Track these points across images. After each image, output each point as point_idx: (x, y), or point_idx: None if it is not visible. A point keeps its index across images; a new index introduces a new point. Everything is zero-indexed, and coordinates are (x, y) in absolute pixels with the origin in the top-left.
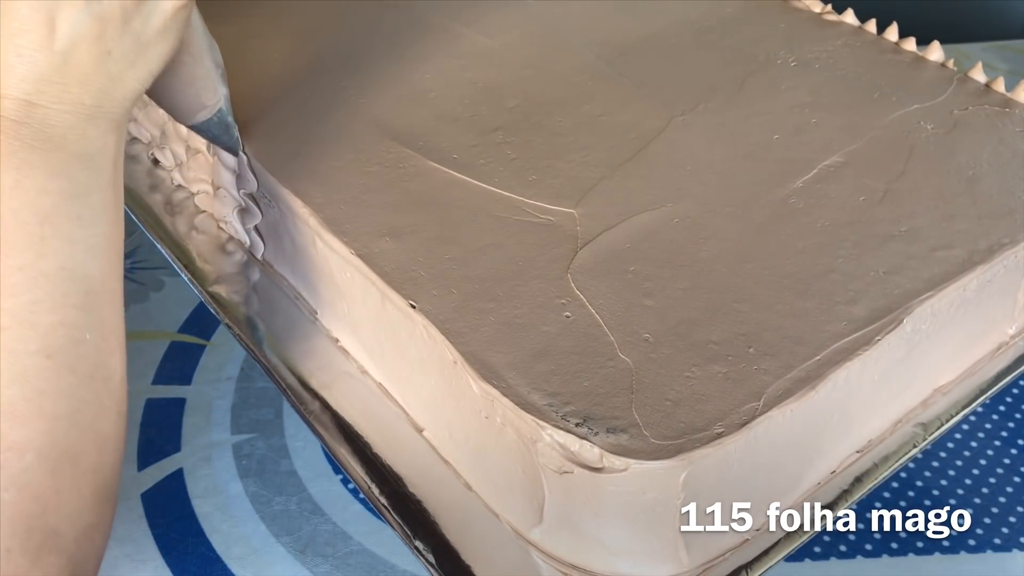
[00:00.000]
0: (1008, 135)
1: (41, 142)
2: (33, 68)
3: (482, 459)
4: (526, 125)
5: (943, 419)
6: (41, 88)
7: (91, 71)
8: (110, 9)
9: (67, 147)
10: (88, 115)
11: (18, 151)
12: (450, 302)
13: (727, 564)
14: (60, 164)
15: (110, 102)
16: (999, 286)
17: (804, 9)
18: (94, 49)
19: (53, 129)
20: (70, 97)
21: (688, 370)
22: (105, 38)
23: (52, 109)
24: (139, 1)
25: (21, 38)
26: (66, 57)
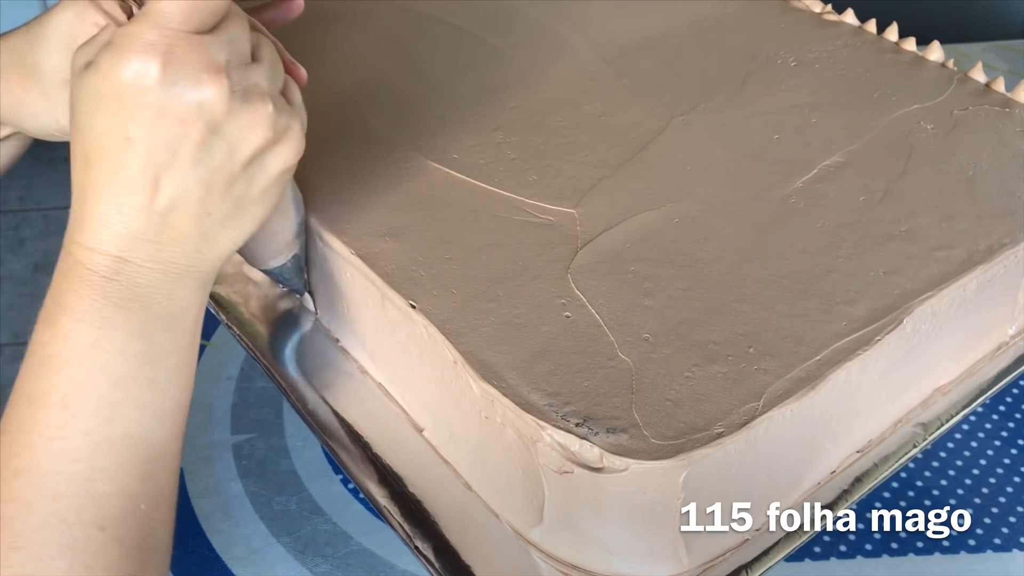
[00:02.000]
0: (1008, 135)
1: (127, 301)
2: (131, 226)
3: (482, 459)
4: (526, 125)
5: (943, 419)
6: (135, 246)
7: (188, 232)
8: (216, 174)
9: (152, 307)
10: (178, 275)
11: (102, 309)
12: (450, 302)
13: (727, 564)
14: (142, 325)
15: (201, 262)
16: (999, 286)
17: (804, 9)
18: (194, 211)
19: (141, 288)
20: (163, 256)
21: (688, 370)
22: (208, 202)
23: (143, 267)
24: (246, 166)
25: (124, 196)
26: (165, 218)
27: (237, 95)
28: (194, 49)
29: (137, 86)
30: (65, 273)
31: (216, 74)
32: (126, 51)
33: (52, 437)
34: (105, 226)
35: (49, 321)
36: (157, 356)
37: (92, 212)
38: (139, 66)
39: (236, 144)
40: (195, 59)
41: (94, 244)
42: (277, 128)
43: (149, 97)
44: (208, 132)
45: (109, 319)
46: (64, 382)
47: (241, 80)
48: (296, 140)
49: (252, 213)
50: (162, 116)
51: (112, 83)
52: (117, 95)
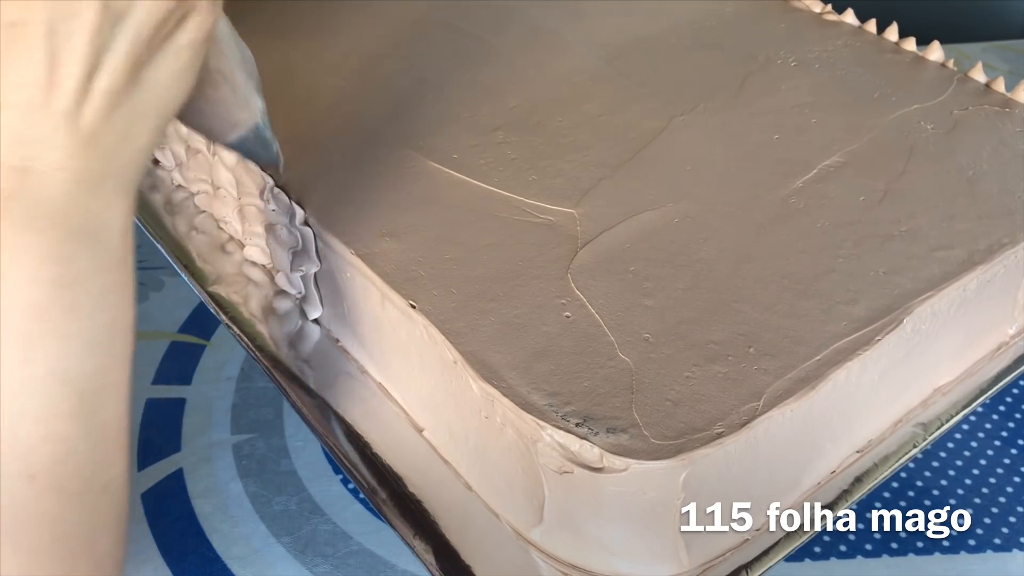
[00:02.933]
0: (1008, 135)
1: (34, 220)
2: (30, 129)
3: (482, 459)
4: (526, 125)
5: (943, 419)
6: (38, 152)
7: (98, 130)
8: (120, 62)
9: (64, 223)
10: (92, 182)
11: (7, 232)
12: (450, 302)
13: (727, 564)
14: (54, 246)
15: (118, 163)
16: (999, 286)
17: (804, 9)
18: (104, 111)
19: (49, 203)
20: (72, 163)
21: (688, 370)
22: (114, 91)
23: (51, 176)
24: (150, 44)
25: (16, 94)
26: (68, 117)
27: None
28: None
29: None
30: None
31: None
32: None
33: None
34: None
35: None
36: (78, 279)
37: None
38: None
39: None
40: None
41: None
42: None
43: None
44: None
45: (14, 242)
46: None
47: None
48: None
49: (169, 96)
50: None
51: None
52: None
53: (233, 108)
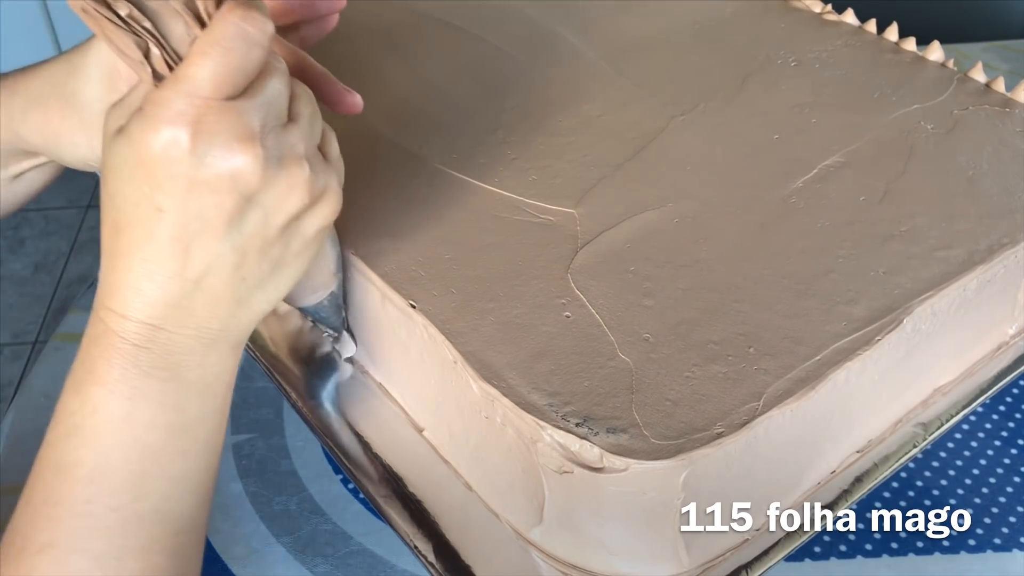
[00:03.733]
0: (1008, 135)
1: (159, 370)
2: (163, 293)
3: (482, 459)
4: (526, 125)
5: (943, 419)
6: (168, 313)
7: (222, 298)
8: (251, 241)
9: (184, 375)
10: (211, 340)
11: (132, 379)
12: (450, 302)
13: (727, 564)
14: (174, 395)
15: (236, 326)
16: (999, 286)
17: (804, 9)
18: (228, 277)
19: (173, 356)
20: (196, 322)
21: (688, 370)
22: (242, 267)
23: (176, 334)
24: (282, 230)
25: (155, 264)
26: (199, 284)
27: (272, 162)
28: (225, 117)
29: (167, 157)
30: (95, 340)
31: (249, 142)
32: (155, 120)
33: (78, 513)
34: (137, 293)
35: (78, 389)
36: (189, 426)
37: (123, 279)
38: (169, 136)
39: (271, 211)
40: (227, 128)
41: (126, 311)
42: (314, 191)
43: (179, 168)
44: (242, 201)
45: (140, 389)
46: (92, 455)
47: (276, 146)
48: (334, 199)
49: (288, 273)
50: (193, 187)
51: (142, 153)
52: (147, 165)
53: (316, 276)
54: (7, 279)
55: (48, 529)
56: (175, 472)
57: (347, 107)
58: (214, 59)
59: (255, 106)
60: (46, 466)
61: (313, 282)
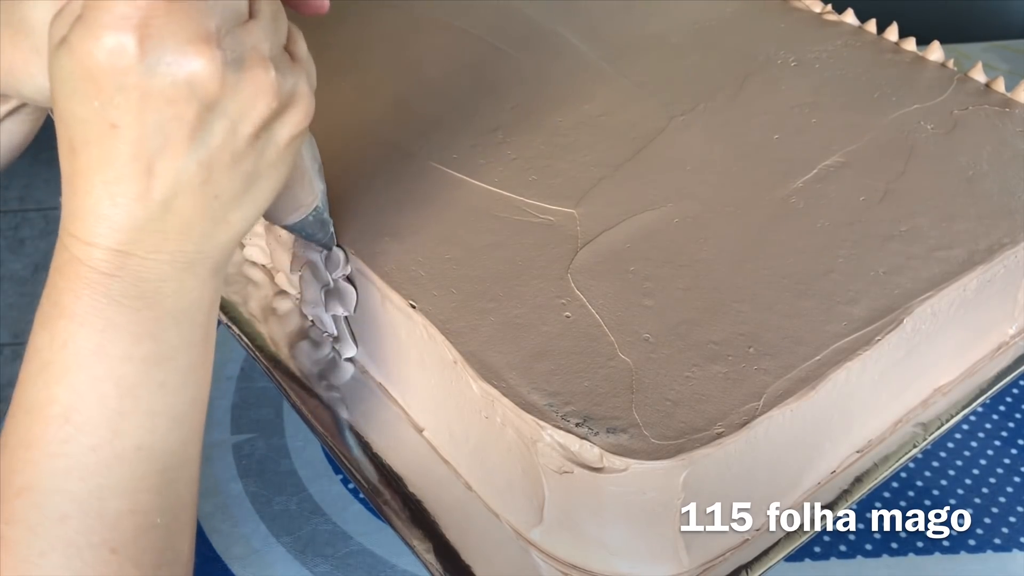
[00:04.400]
0: (1008, 135)
1: (131, 299)
2: (130, 217)
3: (482, 459)
4: (526, 125)
5: (943, 419)
6: (137, 237)
7: (194, 217)
8: (218, 155)
9: (160, 303)
10: (187, 263)
11: (104, 310)
12: (450, 302)
13: (727, 564)
14: (149, 324)
15: (212, 246)
16: (999, 286)
17: (804, 9)
18: (199, 196)
19: (146, 283)
20: (169, 246)
21: (688, 370)
22: (212, 183)
23: (148, 259)
24: (252, 140)
25: (117, 186)
26: (166, 206)
27: (232, 64)
28: (175, 17)
29: (113, 67)
30: (61, 270)
31: (204, 44)
32: (96, 26)
33: (55, 454)
34: (101, 218)
35: (46, 323)
36: (168, 356)
37: (84, 203)
38: (112, 43)
39: (237, 119)
40: (177, 29)
41: (91, 238)
42: (282, 93)
43: (129, 78)
44: (203, 111)
45: (112, 320)
46: (65, 392)
47: (236, 45)
48: (305, 102)
49: (264, 187)
50: (147, 98)
51: (86, 64)
52: (93, 77)
53: (297, 192)
54: (7, 279)
55: (24, 471)
56: (156, 406)
57: (312, 7)
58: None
59: (209, 4)
60: (19, 406)
61: (295, 198)
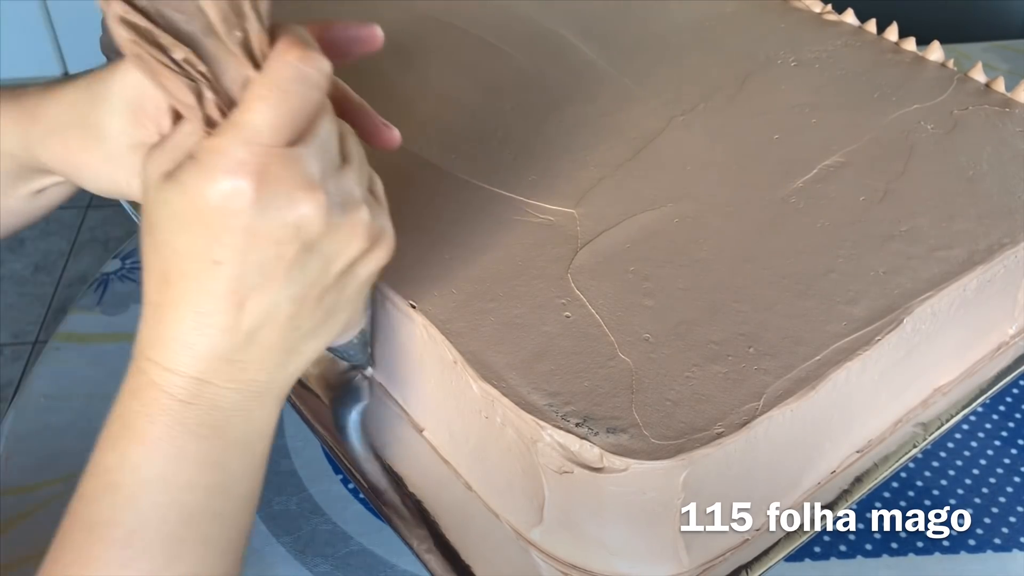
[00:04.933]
0: (1008, 135)
1: (204, 427)
2: (214, 347)
3: (482, 459)
4: (526, 125)
5: (943, 419)
6: (218, 367)
7: (274, 349)
8: (309, 291)
9: (228, 433)
10: (257, 392)
11: (176, 437)
12: (450, 302)
13: (727, 564)
14: (216, 453)
15: (283, 376)
16: (999, 286)
17: (804, 9)
18: (283, 328)
19: (219, 412)
20: (246, 375)
21: (688, 370)
22: (298, 317)
23: (224, 389)
24: (340, 277)
25: (208, 318)
26: (252, 337)
27: (334, 208)
28: (288, 166)
29: (227, 208)
30: (136, 393)
31: (312, 191)
32: (214, 170)
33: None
34: (186, 347)
35: (116, 445)
36: (228, 486)
37: (171, 332)
38: (230, 188)
39: (332, 258)
40: (290, 177)
41: (173, 365)
42: (372, 234)
43: (240, 220)
44: (303, 251)
45: (183, 448)
46: (130, 517)
47: (336, 191)
48: (389, 242)
49: (340, 319)
50: (254, 239)
51: (198, 204)
52: (204, 217)
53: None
54: (7, 279)
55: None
56: (211, 535)
57: (384, 142)
58: (273, 104)
59: (314, 150)
60: (78, 522)
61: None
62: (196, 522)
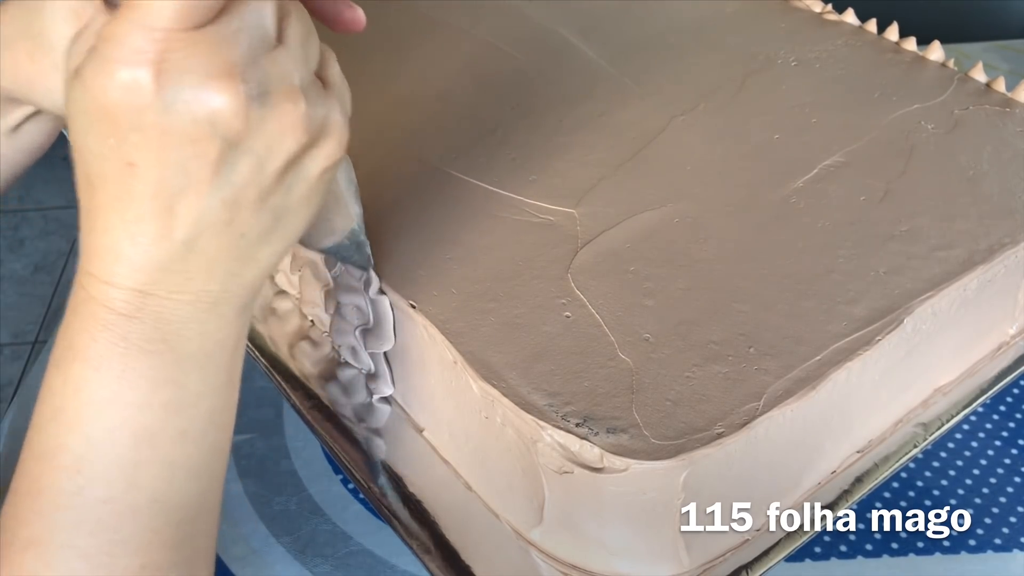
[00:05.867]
0: (1009, 135)
1: (151, 342)
2: (151, 257)
3: (482, 459)
4: (526, 125)
5: (943, 419)
6: (158, 277)
7: (219, 256)
8: (244, 193)
9: (181, 346)
10: (211, 303)
11: (121, 355)
12: (450, 302)
13: (727, 564)
14: (170, 369)
15: (239, 285)
16: (1000, 286)
17: (804, 9)
18: (223, 235)
19: (167, 325)
20: (192, 286)
21: (688, 370)
22: (237, 222)
23: (169, 300)
24: (280, 176)
25: (136, 225)
26: (189, 245)
27: (257, 98)
28: (195, 51)
29: (128, 104)
30: (76, 309)
31: (227, 78)
32: (109, 61)
33: (64, 506)
34: (120, 257)
35: (59, 364)
36: (189, 403)
37: (103, 242)
38: (127, 79)
39: (264, 156)
40: (197, 63)
41: (110, 277)
42: (312, 126)
43: (145, 116)
44: (227, 148)
45: (129, 365)
46: (76, 441)
47: (261, 78)
48: (338, 133)
49: (294, 222)
50: (166, 136)
51: (99, 100)
52: (107, 114)
53: (333, 216)
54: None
55: (32, 523)
56: (174, 456)
57: (347, 23)
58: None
59: (232, 33)
60: (30, 452)
61: (329, 223)
62: (155, 443)
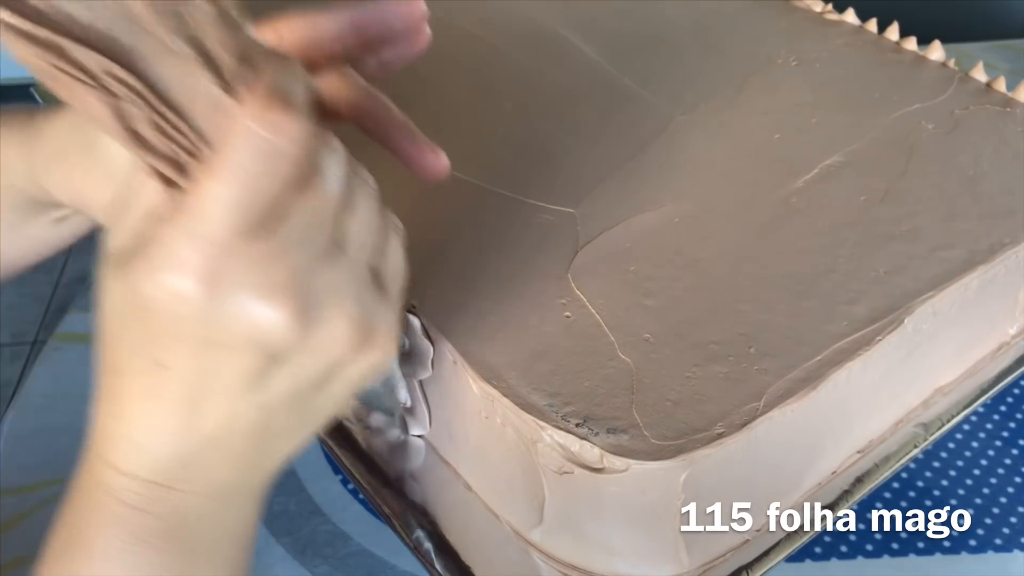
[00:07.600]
0: (1009, 135)
1: (162, 539)
2: (173, 452)
3: (482, 459)
4: (526, 125)
5: (944, 419)
6: (178, 472)
7: (242, 451)
8: (279, 398)
9: (192, 542)
10: (227, 494)
11: (131, 551)
12: (450, 302)
13: (727, 564)
14: (180, 566)
15: (258, 476)
16: (1000, 286)
17: (804, 9)
18: (250, 432)
19: (180, 519)
20: (210, 477)
21: (688, 370)
22: (266, 422)
23: (185, 494)
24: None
25: (159, 420)
26: (216, 443)
27: (307, 314)
28: (249, 264)
29: (172, 313)
30: (85, 495)
31: (280, 296)
32: (157, 268)
33: None
34: (140, 449)
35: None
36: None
37: (122, 430)
38: (174, 289)
39: (306, 367)
40: (251, 278)
41: (126, 467)
42: (362, 335)
43: (187, 327)
44: (267, 361)
45: (138, 565)
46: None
47: (314, 290)
48: (386, 344)
49: (325, 415)
50: (205, 349)
51: (139, 301)
52: (146, 317)
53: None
54: None
55: None
56: None
57: (428, 171)
58: (227, 185)
59: (288, 245)
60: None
61: None
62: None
